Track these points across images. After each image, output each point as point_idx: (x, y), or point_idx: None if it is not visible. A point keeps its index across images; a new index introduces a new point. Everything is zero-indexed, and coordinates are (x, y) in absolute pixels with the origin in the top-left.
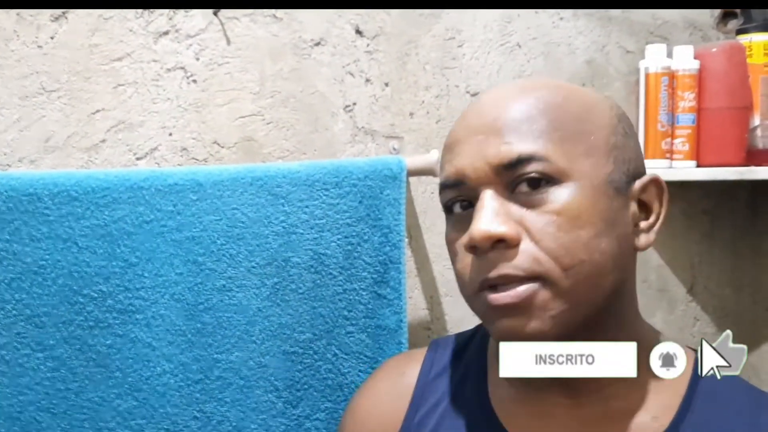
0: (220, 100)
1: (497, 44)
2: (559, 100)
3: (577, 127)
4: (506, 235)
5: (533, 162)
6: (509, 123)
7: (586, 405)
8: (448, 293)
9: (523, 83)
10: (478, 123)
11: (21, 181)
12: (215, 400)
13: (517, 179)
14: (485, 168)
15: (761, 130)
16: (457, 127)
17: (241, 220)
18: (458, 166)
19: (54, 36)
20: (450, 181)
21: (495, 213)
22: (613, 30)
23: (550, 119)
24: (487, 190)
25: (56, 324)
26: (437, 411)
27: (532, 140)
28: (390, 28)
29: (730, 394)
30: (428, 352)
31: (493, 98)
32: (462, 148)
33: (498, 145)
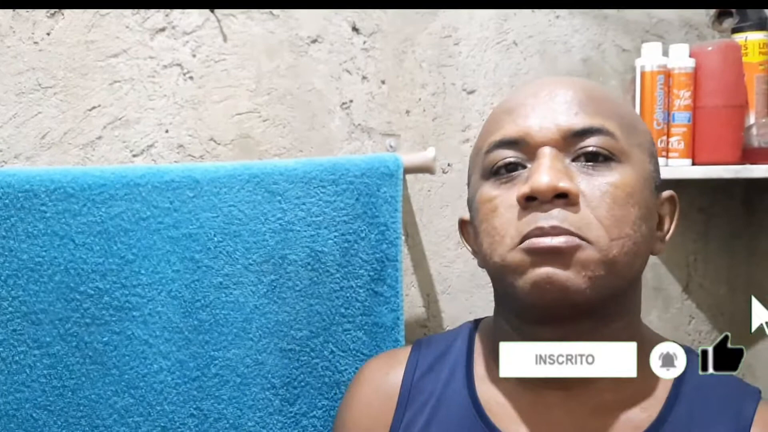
0: (216, 97)
1: (494, 42)
2: (615, 97)
3: (632, 122)
4: (570, 190)
5: (601, 135)
6: (578, 99)
7: (577, 398)
8: (444, 291)
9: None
10: (547, 93)
11: (17, 177)
12: (212, 397)
13: (581, 149)
14: (553, 130)
15: (757, 129)
16: (519, 95)
17: (237, 217)
18: (523, 125)
19: (50, 32)
20: (509, 139)
21: (558, 169)
22: (609, 28)
23: (617, 107)
24: (550, 148)
25: (53, 321)
26: (425, 410)
27: (601, 117)
28: (387, 25)
29: (716, 387)
30: (412, 352)
31: (553, 81)
32: (527, 111)
33: (570, 113)
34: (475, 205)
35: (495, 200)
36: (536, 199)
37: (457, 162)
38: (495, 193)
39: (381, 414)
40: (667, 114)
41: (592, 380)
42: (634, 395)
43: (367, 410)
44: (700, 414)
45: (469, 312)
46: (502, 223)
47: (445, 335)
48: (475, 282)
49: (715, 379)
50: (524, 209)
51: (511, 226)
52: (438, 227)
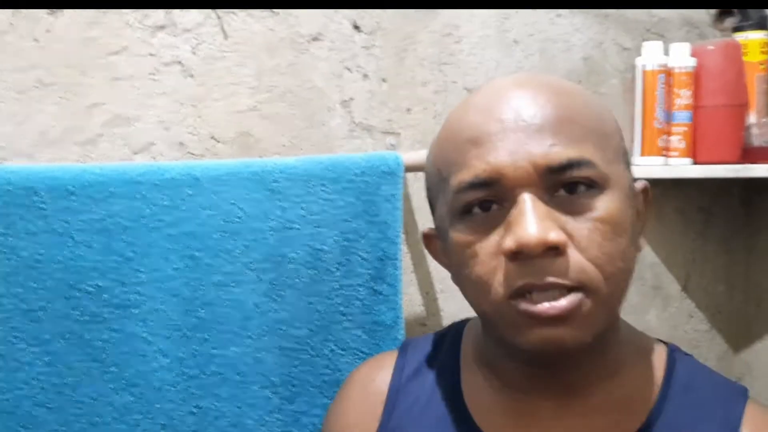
0: (217, 95)
1: (494, 40)
2: (582, 100)
3: (602, 131)
4: (560, 242)
5: (582, 167)
6: (550, 122)
7: (566, 404)
8: (443, 290)
9: (537, 78)
10: (513, 118)
11: (17, 174)
12: (211, 395)
13: (558, 183)
14: (528, 168)
15: (757, 128)
16: (481, 119)
17: (237, 216)
18: (494, 163)
19: (50, 29)
20: (481, 180)
21: (543, 218)
22: (609, 27)
23: (585, 122)
24: (527, 193)
25: (52, 318)
26: (412, 413)
27: (577, 143)
28: (387, 23)
29: (704, 385)
30: (399, 355)
31: (519, 92)
32: (495, 144)
33: (544, 146)
34: (450, 244)
35: (473, 246)
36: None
37: None
38: (472, 239)
39: (368, 418)
40: (668, 113)
41: (580, 386)
42: (623, 399)
43: (354, 414)
44: (689, 414)
45: (468, 310)
46: (486, 272)
47: (431, 337)
48: None
49: (703, 379)
50: (511, 261)
51: (498, 276)
52: None
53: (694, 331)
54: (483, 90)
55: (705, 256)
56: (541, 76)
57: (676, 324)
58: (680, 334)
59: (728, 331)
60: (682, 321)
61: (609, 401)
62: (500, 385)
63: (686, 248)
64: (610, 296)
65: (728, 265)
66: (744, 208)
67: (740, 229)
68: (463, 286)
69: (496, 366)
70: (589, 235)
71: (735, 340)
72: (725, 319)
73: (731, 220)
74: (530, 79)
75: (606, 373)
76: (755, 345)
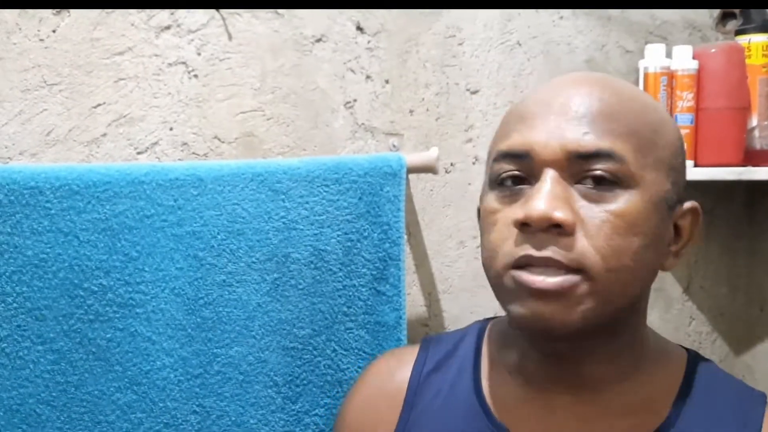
0: (221, 96)
1: (497, 42)
2: (638, 106)
3: (651, 138)
4: (565, 221)
5: (610, 160)
6: (592, 114)
7: (585, 401)
8: (446, 290)
9: (603, 78)
10: (558, 104)
11: (22, 174)
12: (214, 394)
13: (586, 172)
14: (558, 150)
15: (759, 131)
16: (531, 100)
17: (241, 216)
18: (529, 139)
19: (56, 29)
20: (514, 152)
21: (557, 196)
22: (612, 29)
23: (630, 122)
24: (552, 171)
25: (57, 317)
26: (432, 409)
27: (612, 138)
28: (391, 25)
29: (723, 391)
30: (420, 350)
31: (574, 83)
32: (536, 123)
33: (579, 132)
34: (482, 211)
35: (496, 214)
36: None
37: (459, 162)
38: (497, 207)
39: (386, 413)
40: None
41: (600, 384)
42: (641, 399)
43: (372, 409)
44: (707, 418)
45: (471, 311)
46: (498, 240)
47: (453, 334)
48: (477, 281)
49: (721, 383)
50: (520, 232)
51: (506, 245)
52: (440, 227)
53: (695, 333)
54: (549, 82)
55: (707, 258)
56: (607, 77)
57: (678, 326)
58: (682, 336)
59: (730, 333)
60: (683, 323)
61: (628, 400)
62: (521, 381)
63: (691, 244)
64: (609, 288)
65: (730, 267)
66: (746, 210)
67: (743, 231)
68: (481, 250)
69: (517, 363)
70: (601, 224)
71: (737, 343)
72: (727, 322)
73: (734, 223)
74: (593, 77)
75: (625, 372)
76: (757, 347)
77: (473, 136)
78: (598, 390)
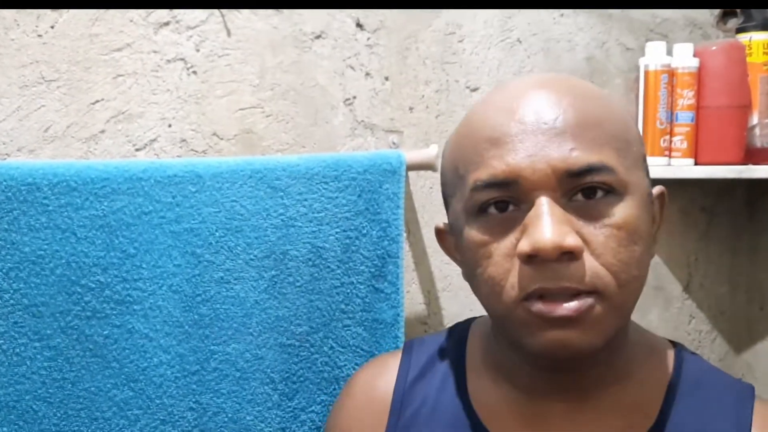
0: (219, 92)
1: (497, 40)
2: (606, 106)
3: (625, 137)
4: (576, 247)
5: (601, 172)
6: (573, 127)
7: (578, 406)
8: (445, 288)
9: (560, 79)
10: (534, 120)
11: (20, 170)
12: (211, 391)
13: (577, 188)
14: (547, 172)
15: (760, 129)
16: (501, 119)
17: (239, 213)
18: (513, 165)
19: (54, 25)
20: (498, 180)
21: (559, 221)
22: (613, 27)
23: (607, 128)
24: (545, 197)
25: (54, 314)
26: (419, 416)
27: (598, 149)
28: (390, 22)
29: (712, 385)
30: (404, 356)
31: (542, 94)
32: (516, 146)
33: (564, 150)
34: (465, 242)
35: (488, 246)
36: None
37: None
38: (486, 238)
39: (374, 423)
40: (671, 113)
41: (593, 387)
42: (633, 400)
43: (360, 419)
44: (698, 414)
45: (470, 309)
46: (500, 273)
47: (436, 337)
48: None
49: (709, 377)
50: (525, 263)
51: (511, 278)
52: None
53: (695, 331)
54: (505, 89)
55: (707, 256)
56: (565, 78)
57: (678, 324)
58: (682, 335)
59: (730, 332)
60: (683, 321)
61: (620, 403)
62: (509, 387)
63: (688, 249)
64: (623, 303)
65: (731, 266)
66: (747, 208)
67: (743, 230)
68: (475, 285)
69: (506, 368)
70: (605, 241)
71: (737, 341)
72: (727, 320)
73: (734, 221)
74: (553, 80)
75: (616, 376)
76: (757, 346)
77: None
78: (590, 394)
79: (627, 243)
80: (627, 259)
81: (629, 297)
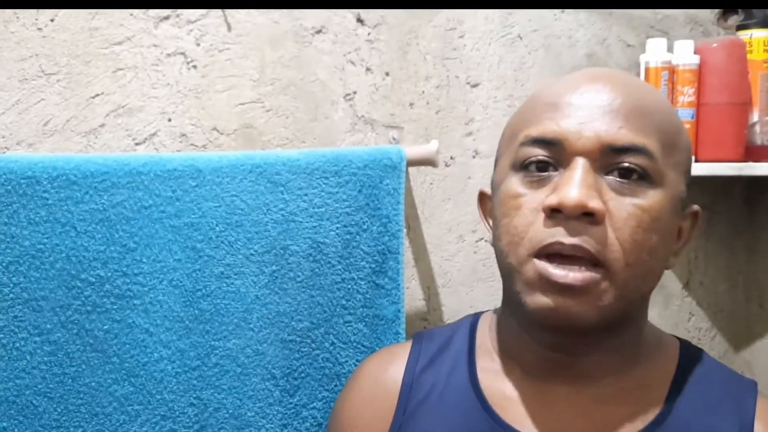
0: (220, 87)
1: (498, 36)
2: (664, 107)
3: (674, 140)
4: (598, 210)
5: (641, 155)
6: (626, 109)
7: (584, 392)
8: (445, 284)
9: (628, 75)
10: (594, 96)
11: (20, 164)
12: (212, 387)
13: (616, 165)
14: (593, 141)
15: (760, 126)
16: (565, 89)
17: (240, 207)
18: (564, 127)
19: (54, 19)
20: (547, 138)
21: (589, 185)
22: (613, 23)
23: (658, 121)
24: (584, 160)
25: (54, 308)
26: (427, 404)
27: (645, 134)
28: (391, 17)
29: (715, 379)
30: (413, 345)
31: (607, 78)
32: (570, 112)
33: (614, 125)
34: (500, 195)
35: (520, 198)
36: (562, 212)
37: (459, 155)
38: (521, 191)
39: (382, 409)
40: None
41: (599, 375)
42: (637, 390)
43: (368, 405)
44: (701, 408)
45: (470, 306)
46: (523, 224)
47: (445, 328)
48: (476, 276)
49: (713, 372)
50: (548, 218)
51: (532, 230)
52: (440, 220)
53: (695, 329)
54: (573, 73)
55: (707, 254)
56: (629, 75)
57: (678, 322)
58: (681, 333)
59: (729, 329)
60: (683, 319)
61: (624, 391)
62: (519, 372)
63: (688, 246)
64: (627, 283)
65: (730, 263)
66: (746, 206)
67: (742, 227)
68: (497, 236)
69: (514, 352)
70: (627, 217)
71: (736, 339)
72: (726, 318)
73: (733, 219)
74: (615, 72)
75: (623, 364)
76: (756, 344)
77: (473, 129)
78: (596, 381)
79: (647, 227)
80: (642, 241)
81: (633, 280)
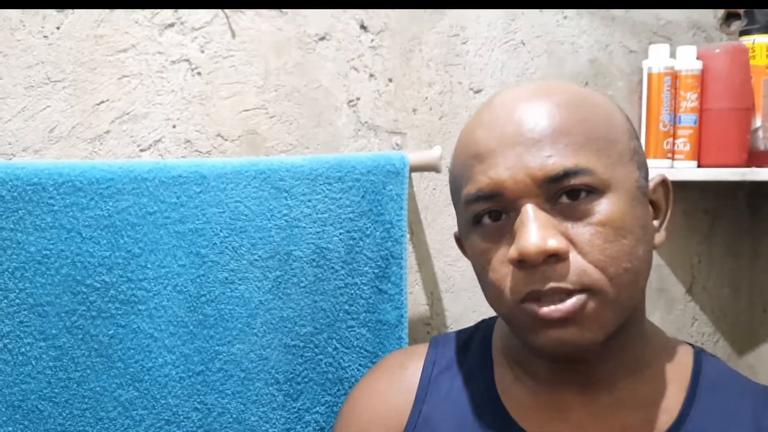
0: (224, 93)
1: (501, 42)
2: (585, 109)
3: (607, 137)
4: (558, 249)
5: (579, 175)
6: (549, 135)
7: (598, 398)
8: (448, 289)
9: (543, 88)
10: (513, 133)
11: (25, 170)
12: (216, 391)
13: (559, 191)
14: (527, 181)
15: (763, 132)
16: (484, 135)
17: (244, 213)
18: (495, 178)
19: (60, 26)
20: (484, 193)
21: (543, 226)
22: (616, 29)
23: (585, 131)
24: (529, 204)
25: (59, 314)
26: (444, 407)
27: (574, 153)
28: (394, 23)
29: (731, 386)
30: (430, 349)
31: (521, 106)
32: (497, 160)
33: (541, 158)
34: (468, 249)
35: (487, 254)
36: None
37: None
38: (485, 246)
39: (398, 405)
40: (674, 116)
41: (609, 380)
42: (652, 395)
43: (384, 398)
44: (718, 413)
45: (473, 311)
46: (498, 279)
47: (461, 333)
48: None
49: (728, 379)
50: (518, 269)
51: (507, 282)
52: (443, 225)
53: (698, 334)
54: (489, 105)
55: (710, 259)
56: (550, 86)
57: (680, 326)
58: (684, 337)
59: (732, 334)
60: (686, 323)
61: (637, 396)
62: (531, 380)
63: (691, 251)
64: (617, 296)
65: (733, 268)
66: (749, 211)
67: (745, 232)
68: (482, 288)
69: (524, 363)
70: (591, 239)
71: (739, 344)
72: (730, 322)
73: (736, 224)
74: (537, 91)
75: (631, 368)
76: (760, 348)
77: None
78: (608, 386)
79: (613, 238)
80: (615, 253)
81: (623, 290)
